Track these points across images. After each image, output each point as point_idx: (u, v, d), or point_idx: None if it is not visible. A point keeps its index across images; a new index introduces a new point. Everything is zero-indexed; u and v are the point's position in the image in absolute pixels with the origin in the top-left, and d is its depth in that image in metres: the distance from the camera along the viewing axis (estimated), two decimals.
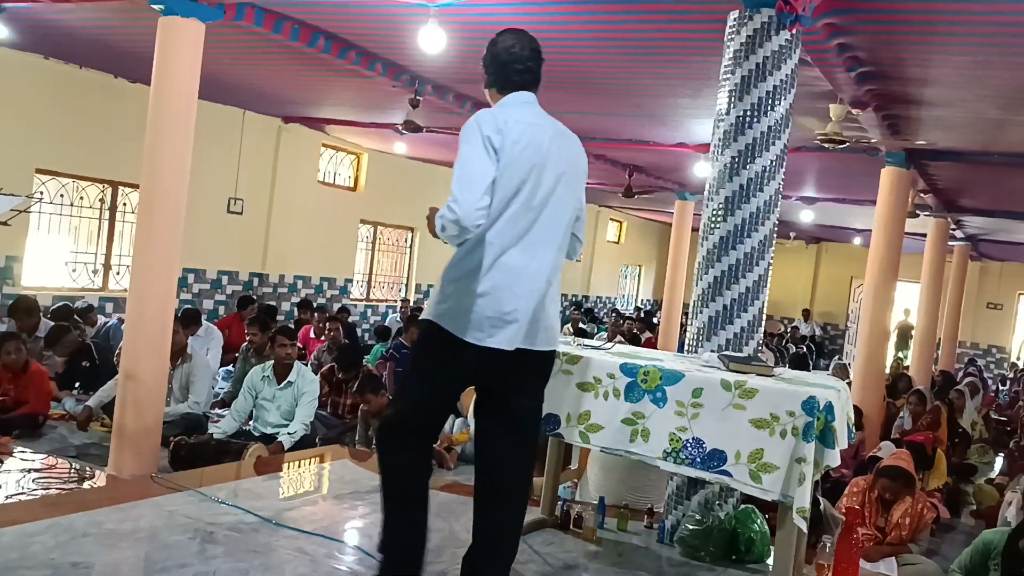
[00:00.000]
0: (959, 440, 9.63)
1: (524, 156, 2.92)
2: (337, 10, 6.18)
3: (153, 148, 6.14)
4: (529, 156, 2.93)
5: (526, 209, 2.94)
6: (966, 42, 5.41)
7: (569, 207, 3.09)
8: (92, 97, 9.73)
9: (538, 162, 2.95)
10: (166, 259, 6.19)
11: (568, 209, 3.08)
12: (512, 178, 2.91)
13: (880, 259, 8.96)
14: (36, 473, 5.01)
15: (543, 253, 2.99)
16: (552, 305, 3.06)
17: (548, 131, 3.03)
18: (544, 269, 3.00)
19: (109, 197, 10.46)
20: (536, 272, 2.98)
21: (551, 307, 3.06)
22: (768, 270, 4.36)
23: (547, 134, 3.01)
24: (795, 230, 19.18)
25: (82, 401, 7.03)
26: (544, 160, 2.97)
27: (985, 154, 8.55)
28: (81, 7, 6.66)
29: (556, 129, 3.08)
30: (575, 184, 3.12)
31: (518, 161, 2.91)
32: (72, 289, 10.06)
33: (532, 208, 2.95)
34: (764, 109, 4.25)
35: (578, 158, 3.16)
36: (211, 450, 5.90)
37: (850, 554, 3.81)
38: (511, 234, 2.93)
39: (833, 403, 3.28)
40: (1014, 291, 20.80)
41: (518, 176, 2.91)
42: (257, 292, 12.19)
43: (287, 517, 3.99)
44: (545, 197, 2.98)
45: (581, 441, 3.53)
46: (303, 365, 6.87)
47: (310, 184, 12.64)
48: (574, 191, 3.11)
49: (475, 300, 2.90)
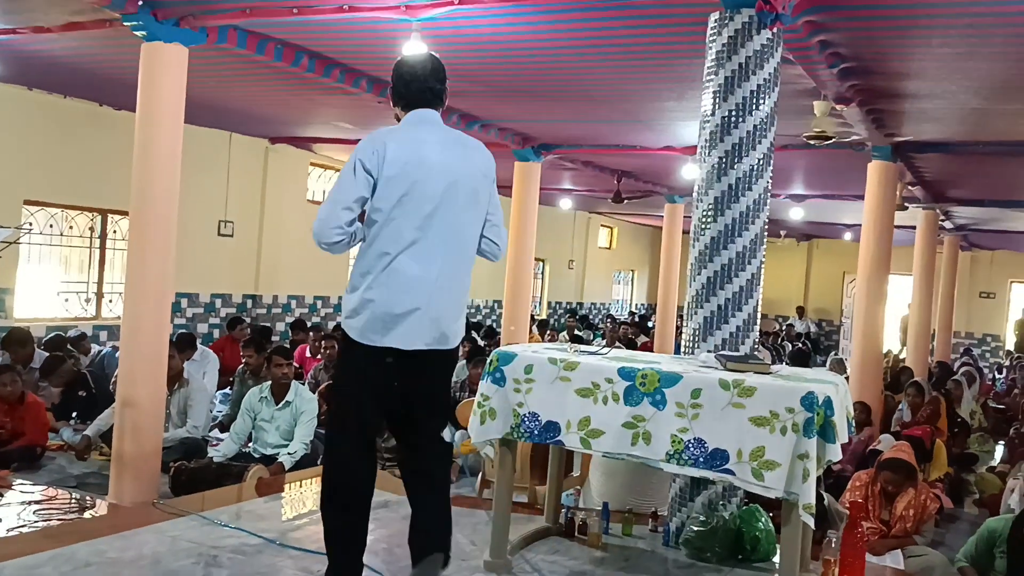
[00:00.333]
0: (958, 430, 9.65)
1: (404, 171, 3.13)
2: (320, 29, 6.19)
3: (141, 174, 6.14)
4: (409, 170, 3.13)
5: (413, 219, 3.13)
6: (947, 34, 5.44)
7: (466, 214, 3.25)
8: (78, 126, 9.73)
9: (420, 176, 3.14)
10: (159, 284, 6.18)
11: (464, 216, 3.25)
12: (392, 192, 3.12)
13: (871, 253, 8.99)
14: (36, 505, 4.99)
15: (435, 259, 3.17)
16: (449, 308, 3.24)
17: (435, 145, 3.22)
18: (433, 274, 3.17)
19: (99, 225, 10.44)
20: (426, 277, 3.16)
21: (448, 310, 3.23)
22: (761, 268, 4.37)
23: (433, 148, 3.21)
24: (785, 228, 19.24)
25: (80, 431, 6.99)
26: (427, 172, 3.15)
27: (970, 144, 8.60)
28: (63, 36, 6.65)
29: (448, 141, 3.28)
30: (472, 191, 3.26)
31: (397, 176, 3.12)
32: (65, 319, 10.03)
33: (419, 217, 3.14)
34: (749, 108, 4.27)
35: (474, 166, 3.28)
36: (212, 474, 5.88)
37: (856, 548, 3.81)
38: (399, 242, 3.13)
39: (832, 398, 3.28)
40: (1006, 279, 20.87)
41: (398, 189, 3.12)
42: (251, 314, 12.17)
43: (291, 538, 3.98)
44: (433, 207, 3.16)
45: (583, 447, 3.53)
46: (300, 384, 6.86)
47: (299, 203, 12.64)
48: (472, 198, 3.26)
49: (370, 306, 3.14)
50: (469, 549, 3.93)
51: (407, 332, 3.15)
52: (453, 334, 3.28)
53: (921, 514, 5.46)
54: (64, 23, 6.39)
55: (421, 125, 3.28)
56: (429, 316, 3.17)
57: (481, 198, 3.30)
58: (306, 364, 9.99)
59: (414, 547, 3.35)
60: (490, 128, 9.54)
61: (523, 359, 3.67)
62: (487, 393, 3.69)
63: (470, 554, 3.86)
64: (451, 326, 3.26)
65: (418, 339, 3.17)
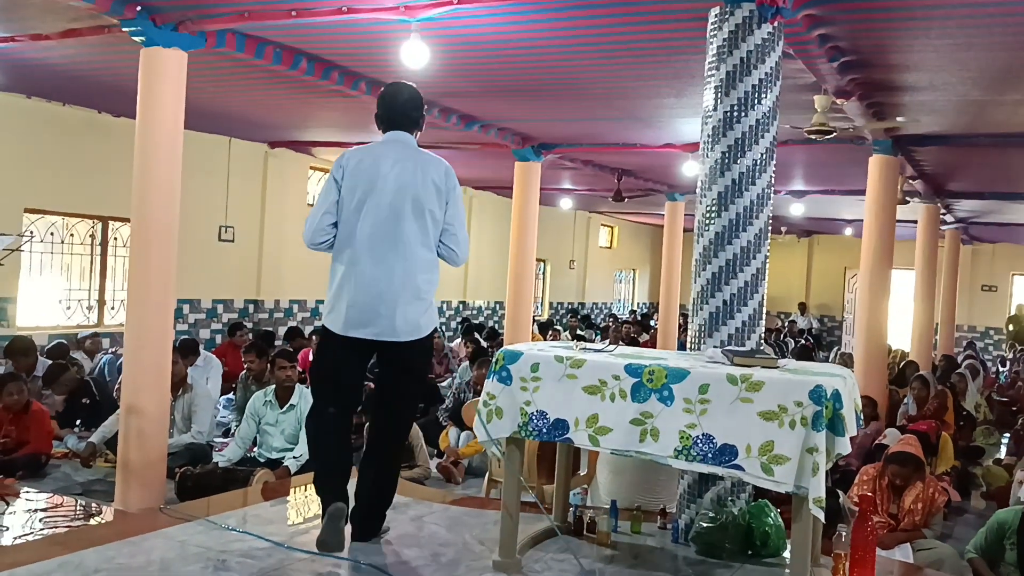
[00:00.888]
0: (964, 423, 9.63)
1: (361, 180, 3.69)
2: (318, 31, 6.19)
3: (142, 181, 6.14)
4: (365, 181, 3.69)
5: (369, 224, 3.67)
6: (946, 25, 5.43)
7: (412, 221, 3.69)
8: (77, 134, 9.73)
9: (377, 185, 3.68)
10: (161, 291, 6.18)
11: (410, 222, 3.69)
12: (352, 199, 3.70)
13: (873, 248, 8.98)
14: (42, 513, 4.98)
15: (389, 261, 3.68)
16: (406, 304, 3.69)
17: (390, 159, 3.73)
18: (387, 274, 3.67)
19: (100, 233, 10.44)
20: (381, 276, 3.67)
21: (405, 306, 3.69)
22: (765, 263, 4.36)
23: (387, 161, 3.72)
24: (786, 224, 19.22)
25: (84, 438, 6.99)
26: (383, 183, 3.68)
27: (971, 136, 8.59)
28: (62, 44, 6.65)
29: (404, 157, 3.76)
30: (417, 200, 3.70)
31: (355, 185, 3.70)
32: (67, 327, 10.03)
33: (375, 223, 3.67)
34: (751, 103, 4.27)
35: (423, 177, 3.72)
36: (217, 479, 5.87)
37: (866, 542, 3.79)
38: (361, 245, 3.68)
39: (840, 390, 3.27)
40: (1007, 272, 20.87)
41: (356, 197, 3.69)
42: (253, 319, 12.17)
43: (299, 541, 3.97)
44: (391, 215, 3.68)
45: (591, 444, 3.51)
46: (305, 388, 6.84)
47: (300, 207, 12.63)
48: (418, 206, 3.70)
49: (341, 302, 3.71)
50: (478, 549, 3.91)
51: (375, 326, 3.68)
52: (410, 326, 3.71)
53: (929, 507, 5.44)
54: (62, 30, 6.40)
55: (389, 144, 3.82)
56: (382, 310, 3.65)
57: (430, 207, 3.72)
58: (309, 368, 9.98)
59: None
60: (490, 128, 9.54)
61: (529, 357, 3.65)
62: (493, 392, 3.68)
63: (479, 554, 3.85)
64: (405, 319, 3.69)
65: (383, 332, 3.68)
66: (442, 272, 3.85)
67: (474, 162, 12.37)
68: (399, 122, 3.86)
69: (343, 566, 3.66)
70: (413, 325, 3.72)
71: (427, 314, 3.79)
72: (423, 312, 3.76)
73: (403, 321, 3.69)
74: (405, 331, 3.71)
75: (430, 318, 3.81)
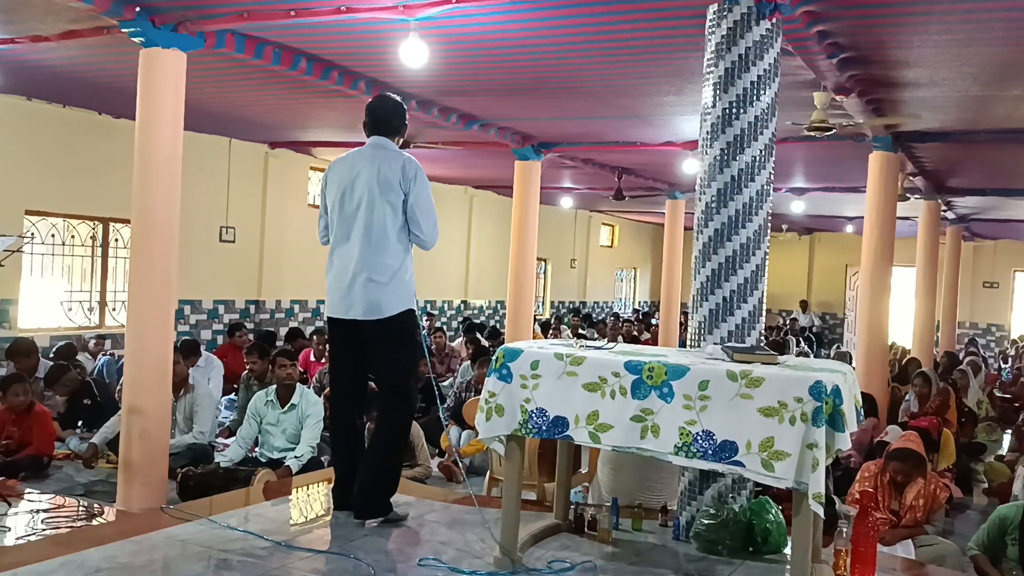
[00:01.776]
0: (966, 419, 9.61)
1: (337, 184, 4.24)
2: (318, 31, 6.19)
3: (142, 182, 6.14)
4: (339, 184, 4.23)
5: (343, 219, 4.19)
6: (945, 20, 5.43)
7: (380, 210, 4.12)
8: (77, 135, 9.73)
9: (347, 184, 4.19)
10: (162, 292, 6.18)
11: (378, 212, 4.12)
12: (331, 199, 4.27)
13: (874, 245, 8.97)
14: (45, 513, 4.99)
15: (351, 247, 4.17)
16: (364, 285, 4.12)
17: (364, 159, 4.22)
18: (359, 264, 4.13)
19: (100, 234, 10.45)
20: (346, 262, 4.17)
21: (364, 286, 4.13)
22: (765, 260, 4.37)
23: (359, 162, 4.22)
24: (787, 222, 19.22)
25: (86, 439, 6.99)
26: (353, 181, 4.18)
27: (971, 132, 8.59)
28: (61, 45, 6.66)
29: (372, 156, 4.21)
30: (384, 192, 4.13)
31: (331, 187, 4.27)
32: (69, 328, 10.03)
33: (347, 218, 4.18)
34: (750, 99, 4.27)
35: (380, 173, 4.13)
36: (219, 479, 5.86)
37: (867, 538, 3.79)
38: (337, 238, 4.24)
39: (840, 386, 3.26)
40: (1009, 268, 20.85)
41: (332, 197, 4.26)
42: (254, 319, 12.17)
43: (300, 540, 3.97)
44: (355, 208, 4.16)
45: (591, 441, 3.51)
46: (305, 388, 6.85)
47: (301, 208, 12.65)
48: (384, 197, 4.13)
49: (327, 290, 4.29)
50: (479, 547, 3.91)
51: (344, 306, 4.18)
52: (369, 305, 4.13)
53: (931, 503, 5.44)
54: (62, 32, 6.40)
55: (367, 147, 4.30)
56: (348, 291, 4.15)
57: (388, 198, 4.13)
58: (310, 368, 9.98)
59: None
60: (489, 127, 9.54)
61: (529, 355, 3.66)
62: (493, 390, 3.68)
63: (481, 552, 3.85)
64: (364, 299, 4.12)
65: (351, 311, 4.16)
66: (443, 272, 4.13)
67: (474, 161, 12.37)
68: (380, 128, 4.33)
69: (344, 564, 3.66)
70: (373, 304, 4.12)
71: (388, 295, 4.13)
72: (382, 292, 4.12)
73: (362, 300, 4.13)
74: (365, 310, 4.13)
75: (394, 301, 4.15)
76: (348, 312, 4.18)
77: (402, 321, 4.20)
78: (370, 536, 4.06)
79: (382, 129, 4.35)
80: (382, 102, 4.46)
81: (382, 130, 4.35)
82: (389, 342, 4.21)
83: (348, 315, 4.19)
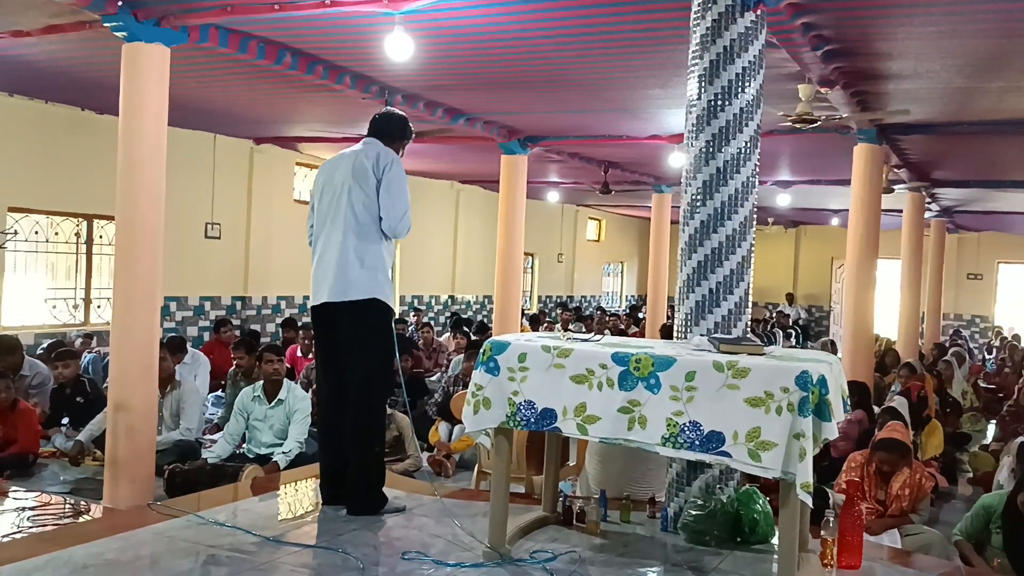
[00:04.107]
0: (951, 410, 9.68)
1: (320, 181, 4.49)
2: (302, 24, 6.16)
3: (126, 178, 6.10)
4: (323, 180, 4.48)
5: (324, 212, 4.40)
6: (930, 12, 5.45)
7: (356, 197, 4.29)
8: (60, 131, 9.67)
9: (327, 178, 4.45)
10: (147, 288, 6.15)
11: (354, 198, 4.29)
12: (315, 195, 4.49)
13: (859, 237, 9.01)
14: (31, 511, 4.94)
15: (334, 238, 4.32)
16: (338, 267, 4.27)
17: (345, 157, 4.44)
18: (334, 248, 4.30)
19: (85, 231, 10.38)
20: (330, 252, 4.32)
21: (338, 268, 4.27)
22: (751, 251, 4.38)
23: (343, 159, 4.44)
24: (773, 215, 19.28)
25: (72, 437, 6.94)
26: (332, 175, 4.42)
27: (955, 124, 8.62)
28: (43, 40, 6.60)
29: (353, 152, 4.43)
30: (357, 181, 4.30)
31: (317, 184, 4.51)
32: (53, 326, 9.97)
33: (327, 210, 4.38)
34: (735, 91, 4.27)
35: (359, 162, 4.33)
36: (207, 475, 5.85)
37: (854, 527, 3.82)
38: (318, 229, 4.43)
39: (826, 376, 3.28)
40: (993, 260, 20.99)
41: (316, 193, 4.49)
42: (241, 316, 12.13)
43: (288, 535, 3.96)
44: (333, 200, 4.35)
45: (579, 433, 3.52)
46: (293, 383, 6.83)
47: (286, 204, 12.60)
48: (357, 185, 4.30)
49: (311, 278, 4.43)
50: (468, 540, 3.92)
51: (316, 290, 4.35)
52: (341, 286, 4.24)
53: (917, 493, 5.47)
54: (43, 26, 6.35)
55: (356, 146, 4.51)
56: (325, 276, 4.30)
57: (363, 186, 4.29)
58: (298, 364, 9.95)
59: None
60: (475, 121, 9.52)
61: (517, 347, 3.66)
62: (481, 383, 3.68)
63: (469, 545, 3.85)
64: (337, 280, 4.25)
65: (321, 294, 4.32)
66: (430, 267, 4.14)
67: (460, 156, 12.35)
68: (374, 132, 4.57)
69: (332, 558, 3.65)
70: (341, 285, 4.25)
71: (357, 277, 4.24)
72: (351, 273, 4.25)
73: (335, 281, 4.27)
74: (333, 290, 4.27)
75: (363, 285, 4.25)
76: (319, 295, 4.32)
77: (373, 311, 4.28)
78: (358, 530, 4.06)
79: (375, 133, 4.56)
80: (385, 114, 4.69)
81: (375, 133, 4.56)
82: (356, 329, 4.28)
83: (319, 299, 4.32)
